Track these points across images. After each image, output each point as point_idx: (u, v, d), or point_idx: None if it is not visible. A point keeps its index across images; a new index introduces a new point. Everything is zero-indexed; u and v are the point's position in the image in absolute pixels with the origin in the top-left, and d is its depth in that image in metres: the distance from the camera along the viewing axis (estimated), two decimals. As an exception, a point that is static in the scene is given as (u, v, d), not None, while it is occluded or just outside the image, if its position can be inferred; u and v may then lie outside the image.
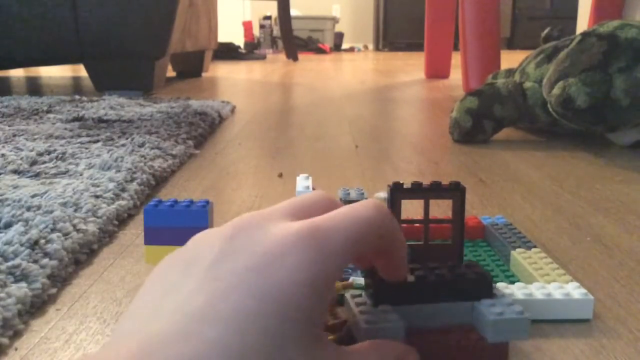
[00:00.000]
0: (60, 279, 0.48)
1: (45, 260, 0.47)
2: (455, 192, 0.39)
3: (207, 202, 0.48)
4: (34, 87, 2.21)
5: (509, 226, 0.54)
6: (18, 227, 0.51)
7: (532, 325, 0.41)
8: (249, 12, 6.36)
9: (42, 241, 0.49)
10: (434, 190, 0.40)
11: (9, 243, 0.48)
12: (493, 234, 0.53)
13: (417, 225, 0.43)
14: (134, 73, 1.77)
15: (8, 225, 0.53)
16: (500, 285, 0.42)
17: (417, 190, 0.40)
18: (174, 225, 0.46)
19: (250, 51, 4.71)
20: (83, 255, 0.52)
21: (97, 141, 0.95)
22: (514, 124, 1.13)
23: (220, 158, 0.96)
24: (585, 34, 1.00)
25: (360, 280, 0.45)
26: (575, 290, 0.41)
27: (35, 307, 0.43)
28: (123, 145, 0.91)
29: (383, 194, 0.63)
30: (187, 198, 0.49)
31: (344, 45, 6.39)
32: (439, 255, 0.40)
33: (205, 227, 0.46)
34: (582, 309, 0.41)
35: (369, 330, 0.30)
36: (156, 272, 0.25)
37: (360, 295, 0.33)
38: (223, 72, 3.01)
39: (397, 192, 0.40)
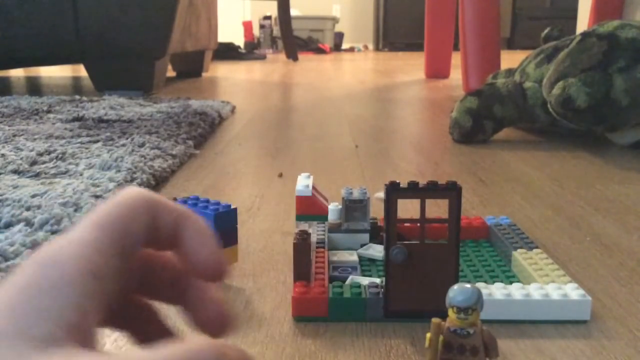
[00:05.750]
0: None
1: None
2: (451, 191, 0.39)
3: (225, 207, 0.46)
4: (34, 87, 2.21)
5: (512, 227, 0.54)
6: (19, 227, 0.51)
7: (532, 326, 0.41)
8: (249, 12, 6.36)
9: (45, 242, 0.49)
10: (430, 190, 0.40)
11: (11, 244, 0.48)
12: (496, 234, 0.53)
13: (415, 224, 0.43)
14: (134, 73, 1.77)
15: (8, 225, 0.53)
16: (498, 286, 0.42)
17: (413, 190, 0.40)
18: None
19: (250, 51, 4.71)
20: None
21: (97, 141, 0.95)
22: (514, 124, 1.13)
23: (220, 158, 0.96)
24: (585, 34, 0.99)
25: (358, 279, 0.45)
26: (573, 292, 0.41)
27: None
28: (123, 145, 0.91)
29: (382, 194, 0.63)
30: (217, 200, 0.48)
31: (344, 45, 6.38)
32: (435, 254, 0.40)
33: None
34: (580, 310, 0.41)
35: None
36: None
37: None
38: (223, 72, 3.01)
39: (394, 192, 0.40)
